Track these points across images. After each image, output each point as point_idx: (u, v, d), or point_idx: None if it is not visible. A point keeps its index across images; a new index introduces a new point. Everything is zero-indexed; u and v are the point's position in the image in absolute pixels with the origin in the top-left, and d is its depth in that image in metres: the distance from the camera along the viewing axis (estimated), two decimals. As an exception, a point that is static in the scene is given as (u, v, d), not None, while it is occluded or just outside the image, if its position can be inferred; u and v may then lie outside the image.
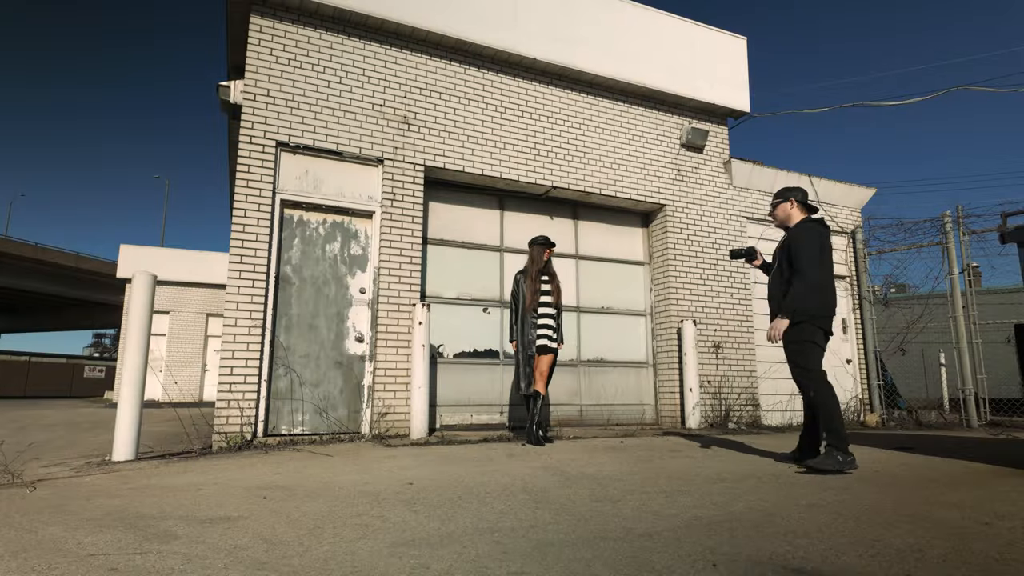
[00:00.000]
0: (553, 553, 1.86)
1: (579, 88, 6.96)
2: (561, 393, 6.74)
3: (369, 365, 5.52)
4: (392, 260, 5.70)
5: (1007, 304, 11.25)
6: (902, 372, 11.79)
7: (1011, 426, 7.55)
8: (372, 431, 5.32)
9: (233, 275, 5.08)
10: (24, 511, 2.47)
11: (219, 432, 4.78)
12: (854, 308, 8.41)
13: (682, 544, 1.95)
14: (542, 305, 5.08)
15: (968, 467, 3.73)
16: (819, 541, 1.99)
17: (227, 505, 2.58)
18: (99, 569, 1.70)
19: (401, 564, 1.75)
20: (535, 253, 5.18)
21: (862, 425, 7.73)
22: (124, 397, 4.04)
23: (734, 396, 7.14)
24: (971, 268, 7.73)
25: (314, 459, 3.99)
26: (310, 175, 5.55)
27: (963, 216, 7.63)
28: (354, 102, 5.76)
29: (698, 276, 7.30)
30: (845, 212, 8.62)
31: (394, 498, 2.71)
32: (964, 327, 7.53)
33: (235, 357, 4.97)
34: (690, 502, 2.63)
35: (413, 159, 5.94)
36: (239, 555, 1.84)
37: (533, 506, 2.55)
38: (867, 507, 2.53)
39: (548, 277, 5.18)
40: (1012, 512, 2.42)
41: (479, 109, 6.35)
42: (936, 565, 1.73)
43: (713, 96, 7.54)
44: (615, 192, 6.97)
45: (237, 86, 5.45)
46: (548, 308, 5.09)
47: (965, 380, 7.46)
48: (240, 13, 5.53)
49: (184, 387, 18.44)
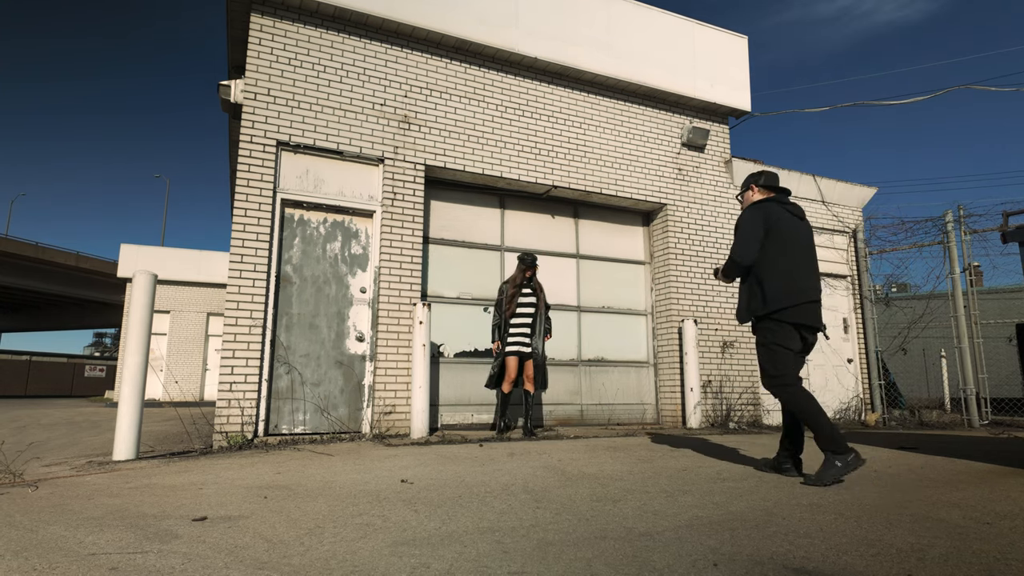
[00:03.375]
0: (554, 552, 1.85)
1: (580, 87, 6.96)
2: (562, 392, 6.74)
3: (370, 364, 5.52)
4: (393, 259, 5.69)
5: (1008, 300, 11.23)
6: (903, 372, 11.79)
7: (1012, 425, 7.54)
8: (373, 430, 5.32)
9: (234, 274, 5.08)
10: (25, 510, 2.47)
11: (220, 431, 4.79)
12: (855, 307, 8.41)
13: (683, 544, 1.95)
14: (520, 316, 5.57)
15: (969, 466, 3.72)
16: (820, 541, 1.98)
17: (228, 504, 2.58)
18: (100, 568, 1.70)
19: (402, 563, 1.75)
20: (516, 271, 5.67)
21: (863, 424, 7.72)
22: (125, 397, 4.04)
23: (735, 396, 7.14)
24: (972, 267, 7.72)
25: (315, 459, 3.99)
26: (311, 174, 5.55)
27: (964, 215, 7.62)
28: (355, 101, 5.76)
29: (699, 275, 7.29)
30: (847, 211, 8.61)
31: (395, 497, 2.71)
32: (965, 326, 7.52)
33: (236, 356, 4.97)
34: (691, 501, 2.63)
35: (414, 158, 5.94)
36: (240, 554, 1.84)
37: (534, 505, 2.55)
38: (868, 507, 2.53)
39: (531, 290, 5.68)
40: (1013, 512, 2.42)
41: (480, 108, 6.35)
42: (937, 565, 1.72)
43: (714, 95, 7.53)
44: (616, 191, 6.96)
45: (238, 85, 5.45)
46: (526, 318, 5.58)
47: (966, 379, 7.46)
48: (241, 12, 5.53)
49: (185, 386, 18.45)
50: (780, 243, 3.24)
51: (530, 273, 5.60)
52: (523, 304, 5.60)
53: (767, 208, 3.31)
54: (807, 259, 3.29)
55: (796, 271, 3.23)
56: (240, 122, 5.34)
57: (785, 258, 3.22)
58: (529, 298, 5.63)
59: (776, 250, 3.23)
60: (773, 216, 3.28)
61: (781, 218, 3.29)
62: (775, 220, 3.27)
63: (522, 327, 5.56)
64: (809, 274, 3.27)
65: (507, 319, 5.58)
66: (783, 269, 3.21)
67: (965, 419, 7.47)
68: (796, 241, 3.29)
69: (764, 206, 3.32)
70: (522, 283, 5.61)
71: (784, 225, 3.28)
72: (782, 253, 3.23)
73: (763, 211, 3.29)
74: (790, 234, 3.28)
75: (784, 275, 3.20)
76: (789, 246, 3.25)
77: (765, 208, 3.31)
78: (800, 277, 3.22)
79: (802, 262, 3.27)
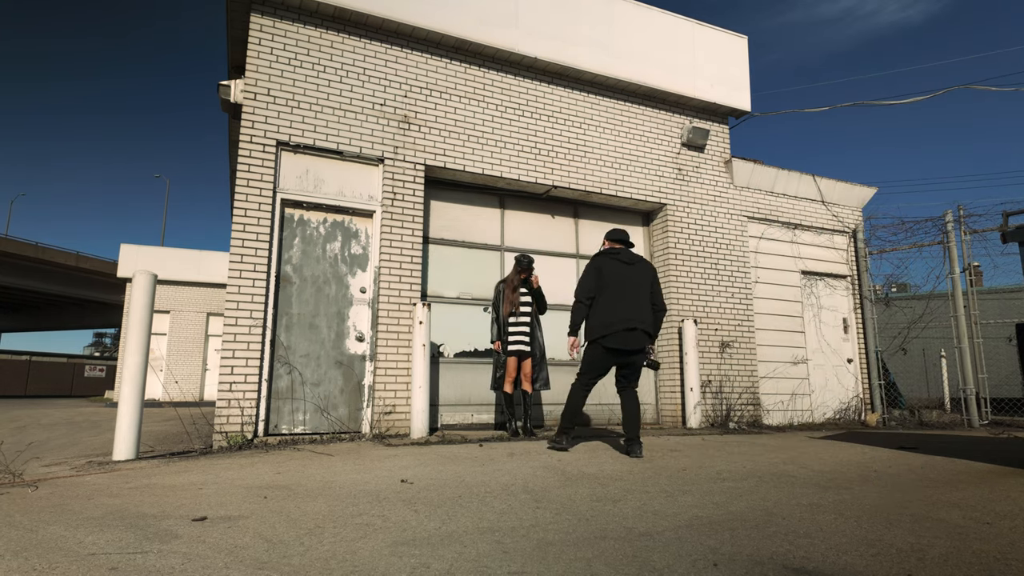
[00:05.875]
0: (554, 552, 1.85)
1: (580, 87, 6.96)
2: (562, 393, 6.74)
3: (370, 364, 5.52)
4: (393, 259, 5.69)
5: (1008, 300, 11.24)
6: (903, 372, 11.79)
7: (1012, 425, 7.54)
8: (373, 430, 5.32)
9: (234, 274, 5.08)
10: (25, 510, 2.47)
11: (220, 431, 4.79)
12: (855, 307, 8.41)
13: (683, 543, 1.95)
14: (518, 315, 5.59)
15: (969, 466, 3.73)
16: (820, 541, 1.98)
17: (228, 505, 2.57)
18: (100, 568, 1.70)
19: (402, 563, 1.75)
20: (512, 272, 5.70)
21: (863, 424, 7.72)
22: (125, 397, 4.04)
23: (735, 396, 7.14)
24: (972, 267, 7.72)
25: (315, 459, 3.99)
26: (311, 174, 5.55)
27: (964, 215, 7.62)
28: (354, 101, 5.76)
29: (699, 275, 7.29)
30: (847, 211, 8.61)
31: (395, 497, 2.71)
32: (965, 326, 7.52)
33: (236, 356, 4.97)
34: (691, 501, 2.63)
35: (414, 158, 5.94)
36: (240, 554, 1.84)
37: (534, 505, 2.55)
38: (868, 507, 2.53)
39: (527, 290, 5.67)
40: (1013, 512, 2.42)
41: (480, 108, 6.35)
42: (937, 565, 1.72)
43: (714, 95, 7.53)
44: (616, 191, 6.96)
45: (238, 85, 5.45)
46: (525, 317, 5.57)
47: (966, 379, 7.46)
48: (241, 12, 5.53)
49: (184, 386, 18.45)
50: (606, 283, 4.22)
51: (525, 275, 5.60)
52: (522, 304, 5.61)
53: (600, 260, 4.29)
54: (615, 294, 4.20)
55: (608, 306, 4.18)
56: (240, 122, 5.33)
57: (607, 296, 4.19)
58: (526, 297, 5.64)
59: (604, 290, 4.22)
60: (603, 262, 4.27)
61: (603, 262, 4.27)
62: (605, 264, 4.26)
63: (521, 327, 5.56)
64: (619, 307, 4.18)
65: (505, 319, 5.59)
66: (602, 306, 4.19)
67: (965, 419, 7.47)
68: (617, 279, 4.23)
69: (599, 259, 4.30)
70: (518, 284, 5.62)
71: (608, 267, 4.25)
72: (606, 293, 4.20)
73: (596, 263, 4.28)
74: (610, 275, 4.23)
75: (602, 310, 4.18)
76: (607, 285, 4.22)
77: (599, 260, 4.29)
78: (611, 310, 4.17)
79: (612, 298, 4.19)
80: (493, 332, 5.68)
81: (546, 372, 5.64)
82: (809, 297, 8.18)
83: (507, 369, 5.53)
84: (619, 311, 4.13)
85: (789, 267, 8.04)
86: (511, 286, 5.63)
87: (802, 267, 8.14)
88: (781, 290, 7.93)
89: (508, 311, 5.58)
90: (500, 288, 5.74)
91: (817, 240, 8.34)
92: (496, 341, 5.62)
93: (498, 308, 5.68)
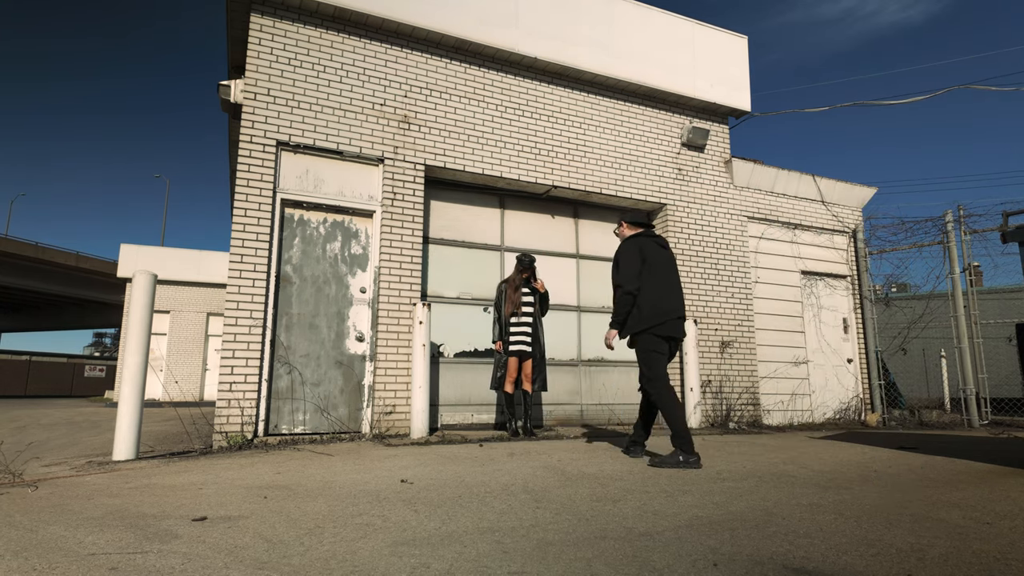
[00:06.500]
0: (554, 552, 1.85)
1: (580, 87, 6.96)
2: (562, 392, 6.74)
3: (370, 364, 5.52)
4: (393, 259, 5.69)
5: (1008, 300, 11.24)
6: (903, 372, 11.79)
7: (1012, 425, 7.54)
8: (373, 430, 5.32)
9: (234, 274, 5.08)
10: (25, 510, 2.47)
11: (220, 431, 4.79)
12: (855, 307, 8.41)
13: (683, 544, 1.95)
14: (520, 316, 5.57)
15: (969, 466, 3.73)
16: (820, 541, 1.98)
17: (228, 505, 2.57)
18: (100, 568, 1.70)
19: (402, 563, 1.75)
20: (513, 272, 5.70)
21: (863, 424, 7.72)
22: (124, 397, 4.04)
23: (735, 396, 7.14)
24: (972, 267, 7.72)
25: (315, 459, 3.99)
26: (311, 174, 5.55)
27: (964, 215, 7.62)
28: (354, 101, 5.76)
29: (699, 275, 7.29)
30: (847, 211, 8.61)
31: (395, 497, 2.71)
32: (965, 326, 7.52)
33: (236, 356, 4.97)
34: (691, 501, 2.63)
35: (414, 158, 5.94)
36: (240, 554, 1.84)
37: (534, 505, 2.55)
38: (868, 507, 2.53)
39: (530, 290, 5.68)
40: (1013, 512, 2.42)
41: (480, 108, 6.35)
42: (937, 565, 1.72)
43: (714, 95, 7.53)
44: (616, 191, 6.96)
45: (238, 85, 5.45)
46: (526, 317, 5.58)
47: (966, 379, 7.46)
48: (241, 12, 5.53)
49: (184, 386, 18.45)
50: (654, 268, 3.85)
51: (527, 275, 5.60)
52: (524, 303, 5.61)
53: (640, 242, 3.92)
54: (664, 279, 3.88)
55: (662, 292, 3.84)
56: (240, 122, 5.33)
57: (655, 281, 3.84)
58: (528, 297, 5.63)
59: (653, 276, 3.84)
60: (646, 246, 3.91)
61: (646, 245, 3.92)
62: (648, 249, 3.90)
63: (523, 327, 5.56)
64: (669, 293, 3.87)
65: (507, 319, 5.59)
66: (654, 292, 3.82)
67: (965, 419, 7.47)
68: (664, 265, 3.90)
69: (638, 242, 3.93)
70: (520, 284, 5.62)
71: (652, 253, 3.89)
72: (655, 278, 3.84)
73: (637, 245, 3.90)
74: (658, 260, 3.89)
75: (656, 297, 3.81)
76: (655, 270, 3.85)
77: (638, 243, 3.92)
78: (665, 296, 3.83)
79: (663, 283, 3.86)
80: (495, 332, 5.67)
81: (545, 373, 5.64)
82: (809, 297, 8.18)
83: (508, 369, 5.52)
84: (670, 299, 3.84)
85: (789, 267, 8.04)
86: (513, 286, 5.63)
87: (802, 267, 8.15)
88: (781, 290, 7.93)
89: (510, 311, 5.57)
90: (502, 288, 5.73)
91: (817, 240, 8.34)
92: (497, 341, 5.62)
93: (500, 308, 5.67)
